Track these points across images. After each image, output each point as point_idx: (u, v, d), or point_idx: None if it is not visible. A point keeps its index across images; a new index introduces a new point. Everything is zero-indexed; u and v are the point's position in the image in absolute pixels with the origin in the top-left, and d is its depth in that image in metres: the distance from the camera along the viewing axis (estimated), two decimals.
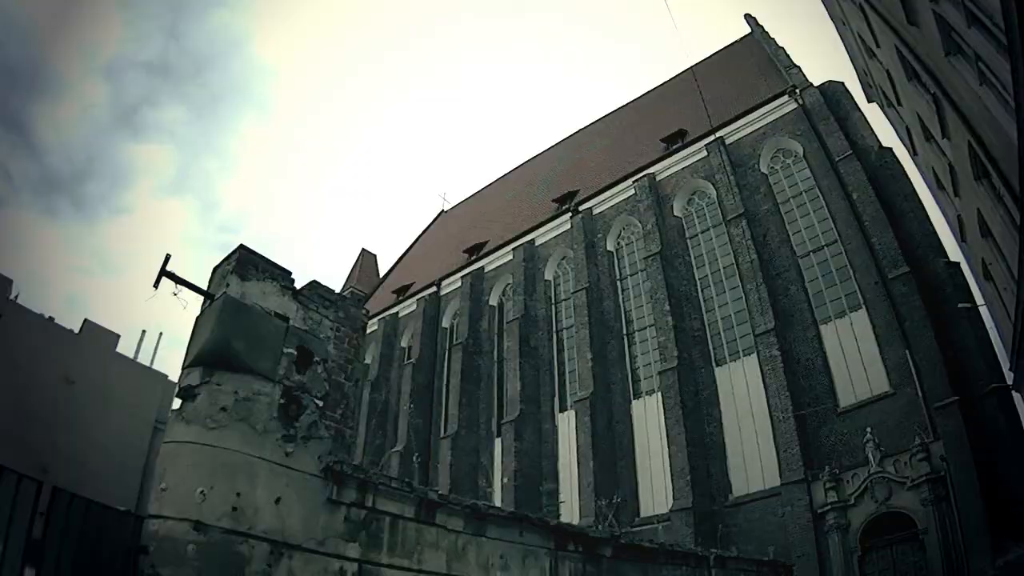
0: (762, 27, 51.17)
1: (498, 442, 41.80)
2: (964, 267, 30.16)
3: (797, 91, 39.23)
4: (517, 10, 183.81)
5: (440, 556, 7.36)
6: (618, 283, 43.04)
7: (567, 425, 39.67)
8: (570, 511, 34.96)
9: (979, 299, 28.50)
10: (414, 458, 42.02)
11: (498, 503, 34.67)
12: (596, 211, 45.68)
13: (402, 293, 56.19)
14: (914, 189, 34.40)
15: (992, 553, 26.46)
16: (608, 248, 44.20)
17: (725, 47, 56.98)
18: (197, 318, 8.55)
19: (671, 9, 62.09)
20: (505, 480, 38.33)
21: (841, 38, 29.60)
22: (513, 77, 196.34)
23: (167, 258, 8.31)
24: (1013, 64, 9.71)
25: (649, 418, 37.03)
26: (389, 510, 7.42)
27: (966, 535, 26.37)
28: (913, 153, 27.77)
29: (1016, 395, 25.85)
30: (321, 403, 8.38)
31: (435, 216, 76.26)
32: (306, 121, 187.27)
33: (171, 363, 66.81)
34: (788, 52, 44.55)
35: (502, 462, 39.95)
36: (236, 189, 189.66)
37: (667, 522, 31.54)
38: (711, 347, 37.55)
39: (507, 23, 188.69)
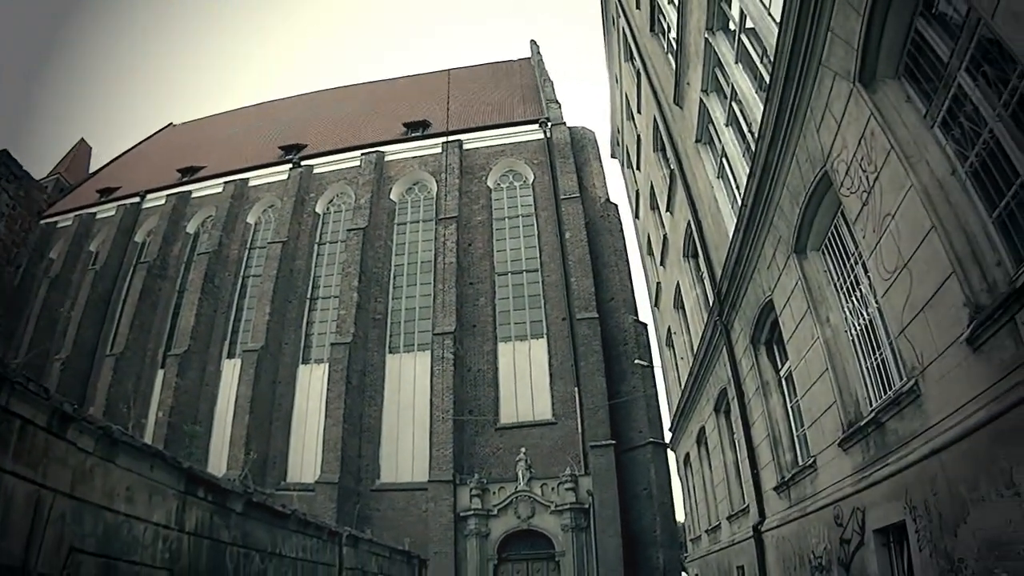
0: (541, 56, 52.88)
1: (160, 373, 39.57)
2: (651, 330, 32.60)
3: (549, 124, 41.03)
4: None
5: (66, 474, 6.60)
6: (316, 247, 42.36)
7: (232, 373, 38.27)
8: (219, 461, 34.01)
9: (657, 361, 30.98)
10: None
11: (149, 437, 32.78)
12: (317, 171, 44.81)
13: (105, 195, 51.47)
14: (626, 247, 37.29)
15: None
16: (317, 210, 43.44)
17: (504, 61, 58.07)
18: None
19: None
20: (160, 414, 36.24)
21: (610, 93, 30.91)
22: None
23: None
24: (752, 168, 10.43)
25: (313, 386, 36.70)
26: (21, 412, 6.61)
27: (601, 566, 28.77)
28: (635, 216, 29.58)
29: (671, 453, 28.11)
30: None
31: (162, 127, 70.77)
32: None
33: None
34: (555, 87, 46.37)
35: (160, 395, 37.82)
36: None
37: (311, 492, 31.42)
38: (389, 334, 38.05)
39: None
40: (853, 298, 8.76)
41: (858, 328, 8.67)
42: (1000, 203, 5.25)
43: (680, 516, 30.90)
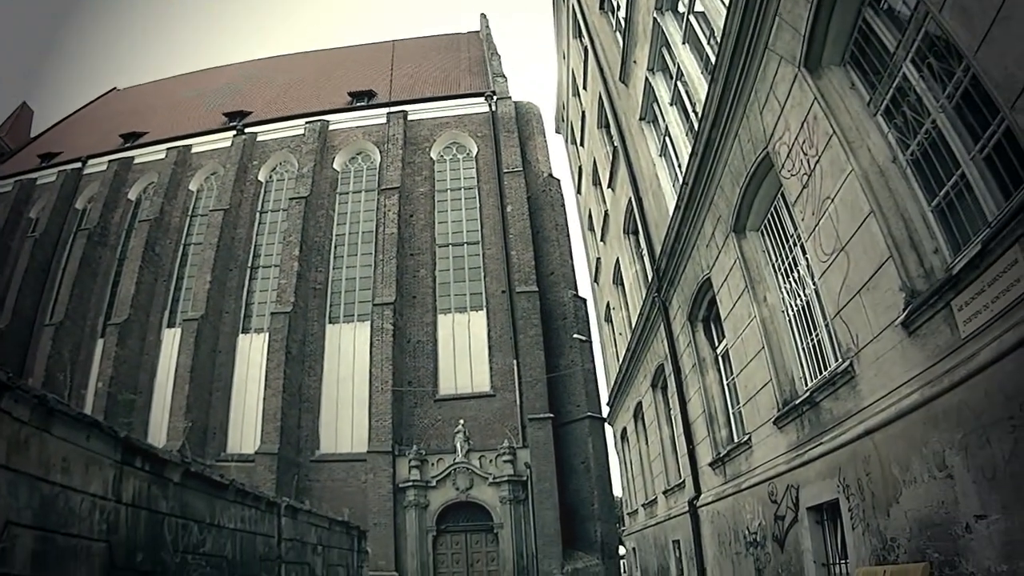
0: (489, 30, 52.55)
1: (100, 343, 38.61)
2: (590, 305, 32.66)
3: (494, 98, 40.88)
4: None
5: (1, 444, 6.46)
6: (258, 215, 41.61)
7: (172, 343, 37.58)
8: (159, 432, 33.51)
9: (596, 336, 31.27)
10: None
11: (89, 408, 32.14)
12: (261, 138, 43.84)
13: (46, 160, 49.67)
14: (567, 222, 37.47)
15: (562, 560, 29.17)
16: (259, 178, 42.58)
17: (452, 33, 57.36)
18: None
19: None
20: (100, 385, 35.47)
21: (557, 69, 30.92)
22: None
23: None
24: (695, 147, 10.58)
25: (253, 356, 36.25)
26: None
27: (539, 538, 29.23)
28: (577, 191, 29.71)
29: (609, 428, 28.42)
30: None
31: (106, 91, 68.66)
32: None
33: None
34: (502, 61, 46.16)
35: (100, 366, 36.94)
36: None
37: (251, 463, 31.17)
38: (329, 304, 37.77)
39: None
40: (791, 279, 8.91)
41: (795, 308, 8.82)
42: (940, 192, 5.38)
43: (618, 490, 31.39)
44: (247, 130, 44.04)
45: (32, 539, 6.79)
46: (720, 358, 12.35)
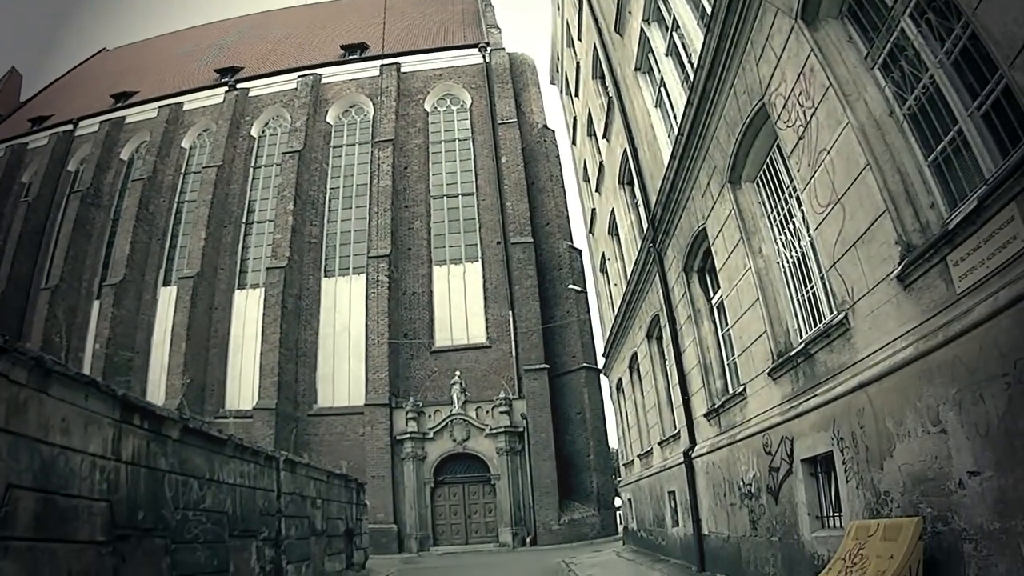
0: None
1: (96, 304, 38.76)
2: (585, 256, 32.67)
3: (488, 49, 40.52)
4: None
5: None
6: (251, 170, 41.55)
7: (168, 301, 37.77)
8: (157, 391, 33.81)
9: (591, 287, 31.13)
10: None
11: (87, 370, 32.20)
12: (253, 94, 43.59)
13: (37, 124, 49.52)
14: (562, 173, 37.33)
15: (559, 510, 29.53)
16: (252, 133, 42.45)
17: None
18: None
19: None
20: (97, 346, 35.65)
21: (552, 19, 30.55)
22: None
23: None
24: (690, 98, 10.48)
25: (249, 312, 36.45)
26: None
27: (536, 489, 29.59)
28: (572, 142, 29.51)
29: (604, 379, 28.55)
30: None
31: (95, 52, 67.80)
32: None
33: None
34: (496, 12, 45.59)
35: (97, 327, 37.15)
36: None
37: (249, 419, 31.45)
38: (324, 257, 37.88)
39: None
40: (786, 230, 8.89)
41: (790, 260, 8.82)
42: (936, 147, 5.33)
43: (613, 442, 31.69)
44: (239, 86, 43.81)
45: (34, 501, 6.83)
46: (715, 309, 12.37)
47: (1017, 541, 4.29)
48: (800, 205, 8.07)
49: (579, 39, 23.74)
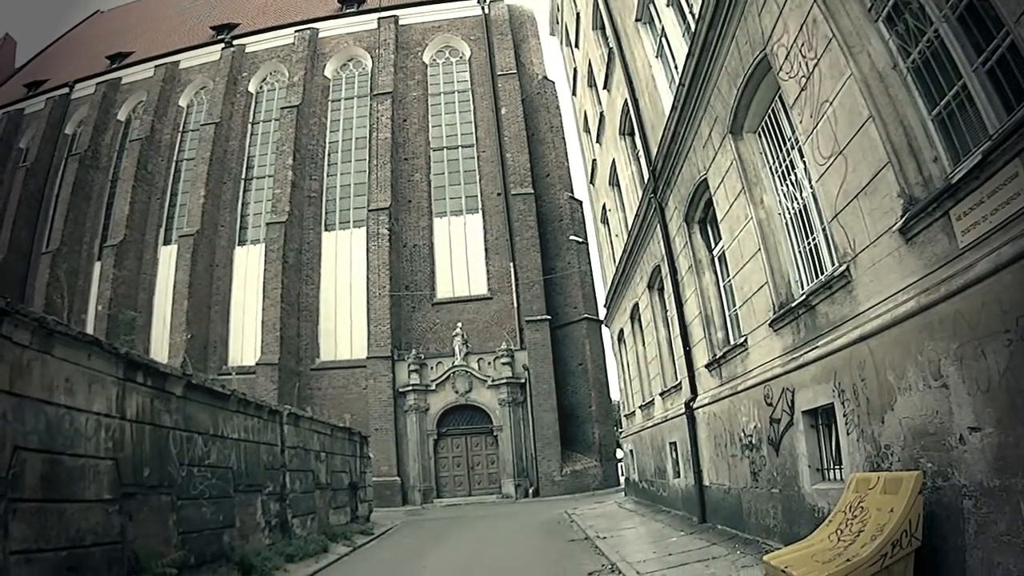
0: None
1: (98, 266, 38.76)
2: (586, 207, 32.55)
3: (487, 0, 39.86)
4: None
5: (3, 370, 6.47)
6: (249, 126, 41.24)
7: (169, 260, 37.78)
8: (160, 349, 33.89)
9: (592, 238, 31.06)
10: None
11: (90, 331, 32.27)
12: (249, 50, 43.06)
13: (32, 89, 49.08)
14: (562, 124, 37.10)
15: (561, 461, 29.79)
16: (250, 89, 42.00)
17: None
18: None
19: None
20: (100, 307, 35.74)
21: None
22: None
23: None
24: (691, 48, 10.38)
25: (250, 268, 36.43)
26: None
27: (538, 440, 29.83)
28: (572, 93, 29.26)
29: (605, 330, 28.60)
30: None
31: (89, 14, 66.85)
32: None
33: None
34: None
35: (99, 288, 37.20)
36: None
37: (253, 375, 31.56)
38: (324, 211, 37.78)
39: None
40: (788, 181, 8.84)
41: (792, 211, 8.79)
42: (940, 102, 5.28)
43: (615, 394, 31.83)
44: (235, 42, 43.29)
45: (40, 462, 6.90)
46: (716, 260, 12.36)
47: (1017, 499, 4.32)
48: (802, 156, 8.02)
49: None
